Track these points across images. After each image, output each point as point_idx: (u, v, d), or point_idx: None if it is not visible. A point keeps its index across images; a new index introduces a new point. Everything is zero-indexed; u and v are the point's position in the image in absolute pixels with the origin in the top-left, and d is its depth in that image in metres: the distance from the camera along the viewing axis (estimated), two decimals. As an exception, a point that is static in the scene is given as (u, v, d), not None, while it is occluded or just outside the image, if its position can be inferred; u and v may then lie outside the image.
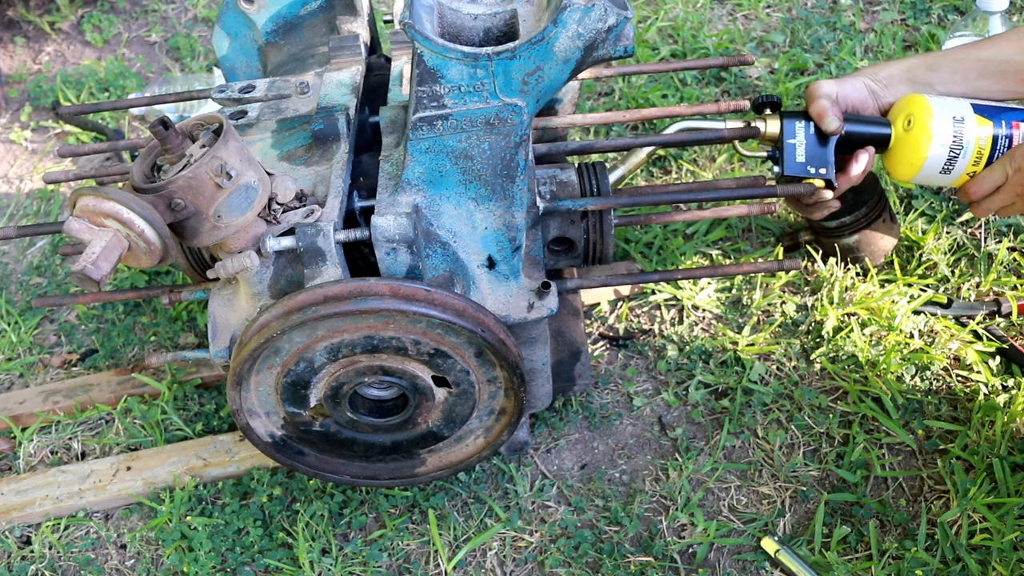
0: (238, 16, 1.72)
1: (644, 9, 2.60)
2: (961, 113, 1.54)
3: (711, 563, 1.55)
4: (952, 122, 1.53)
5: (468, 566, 1.58)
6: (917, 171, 1.58)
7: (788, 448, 1.68)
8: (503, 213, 1.37)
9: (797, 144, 1.56)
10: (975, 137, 1.54)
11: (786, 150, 1.56)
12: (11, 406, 1.86)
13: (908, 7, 2.48)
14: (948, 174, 1.58)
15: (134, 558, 1.65)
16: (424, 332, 1.35)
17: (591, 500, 1.64)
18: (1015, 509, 1.52)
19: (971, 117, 1.54)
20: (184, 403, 1.83)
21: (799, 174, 1.56)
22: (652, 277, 1.75)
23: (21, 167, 2.46)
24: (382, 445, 1.51)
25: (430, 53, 1.22)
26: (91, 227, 1.17)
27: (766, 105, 1.61)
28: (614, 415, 1.75)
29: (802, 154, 1.56)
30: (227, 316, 1.41)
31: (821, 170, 1.55)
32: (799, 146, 1.56)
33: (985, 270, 1.86)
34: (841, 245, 1.86)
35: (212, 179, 1.21)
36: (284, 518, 1.65)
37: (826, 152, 1.56)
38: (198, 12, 2.82)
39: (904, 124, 1.56)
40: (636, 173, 2.15)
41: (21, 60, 2.77)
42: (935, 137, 1.53)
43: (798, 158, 1.56)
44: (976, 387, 1.69)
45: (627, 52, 1.25)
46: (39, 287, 2.14)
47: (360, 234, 1.32)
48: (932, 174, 1.58)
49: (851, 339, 1.76)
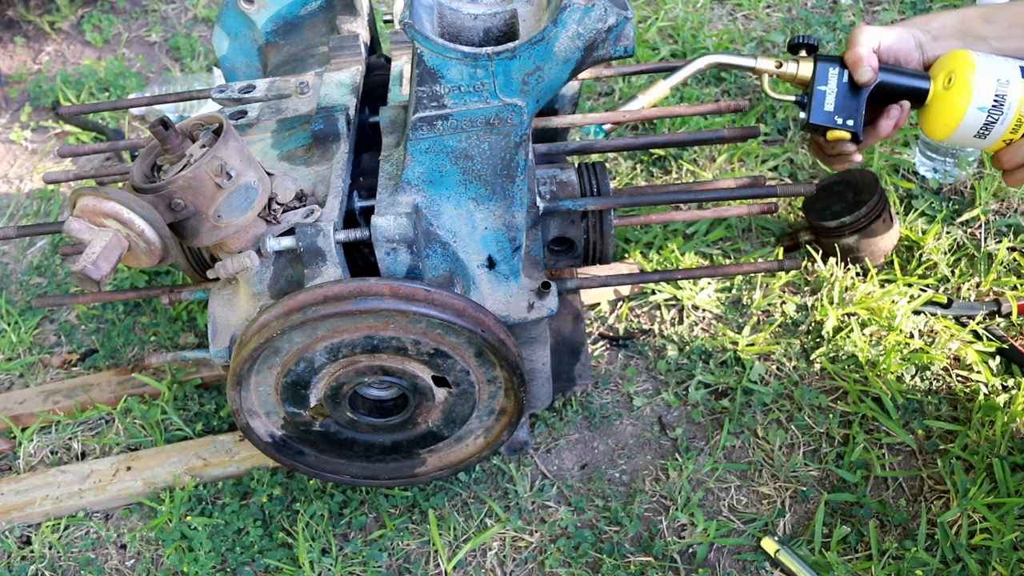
0: (238, 16, 1.72)
1: (644, 9, 2.60)
2: (1007, 75, 1.45)
3: (711, 563, 1.55)
4: (996, 84, 1.44)
5: (468, 566, 1.58)
6: (951, 132, 1.50)
7: (788, 448, 1.68)
8: (503, 213, 1.37)
9: (828, 92, 1.50)
10: (1018, 102, 1.44)
11: (815, 96, 1.50)
12: (11, 406, 1.86)
13: (908, 7, 2.48)
14: (983, 138, 1.49)
15: (134, 558, 1.65)
16: (424, 332, 1.35)
17: (591, 500, 1.64)
18: (1015, 509, 1.52)
19: (1018, 80, 1.45)
20: (184, 403, 1.83)
21: (824, 123, 1.50)
22: (652, 277, 1.75)
23: (21, 167, 2.46)
24: (382, 445, 1.51)
25: (430, 53, 1.22)
26: (91, 227, 1.17)
27: (802, 46, 1.53)
28: (614, 415, 1.75)
29: (831, 103, 1.50)
30: (227, 316, 1.41)
31: (848, 122, 1.49)
32: (829, 94, 1.50)
33: (985, 270, 1.86)
34: (841, 245, 1.86)
35: (212, 179, 1.21)
36: (284, 518, 1.65)
37: (857, 102, 1.49)
38: (198, 12, 2.82)
39: (945, 81, 1.48)
40: (636, 173, 2.15)
41: (21, 60, 2.77)
42: (975, 98, 1.45)
43: (826, 106, 1.50)
44: (976, 387, 1.69)
45: (627, 52, 1.25)
46: (39, 287, 2.14)
47: (360, 234, 1.32)
48: (966, 136, 1.50)
49: (851, 339, 1.76)
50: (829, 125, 1.50)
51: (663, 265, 1.96)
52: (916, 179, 2.03)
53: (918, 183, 2.01)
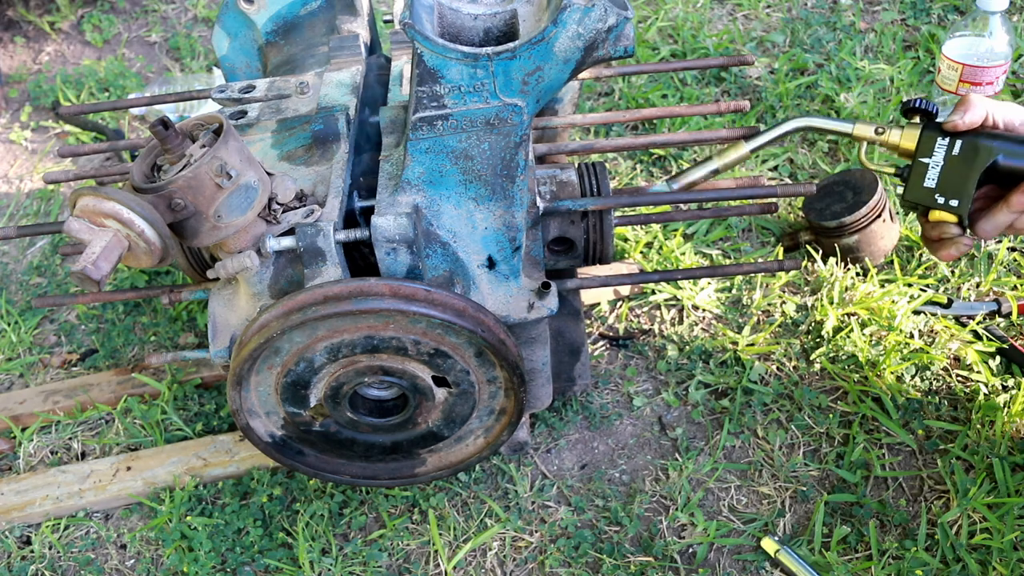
0: (238, 16, 1.72)
1: (644, 9, 2.60)
2: None
3: (711, 563, 1.55)
4: None
5: (468, 566, 1.58)
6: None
7: (788, 448, 1.68)
8: (503, 213, 1.37)
9: (931, 165, 1.30)
10: None
11: (915, 169, 1.31)
12: (11, 406, 1.86)
13: (908, 7, 2.48)
14: None
15: (134, 558, 1.65)
16: (424, 332, 1.35)
17: (591, 500, 1.64)
18: (1015, 509, 1.52)
19: None
20: (184, 403, 1.83)
21: (921, 202, 1.32)
22: (652, 277, 1.75)
23: (21, 167, 2.46)
24: (382, 445, 1.51)
25: (430, 53, 1.22)
26: (91, 227, 1.17)
27: (917, 112, 1.33)
28: (614, 415, 1.75)
29: (933, 178, 1.30)
30: (227, 316, 1.41)
31: (952, 201, 1.29)
32: (933, 167, 1.30)
33: (985, 270, 1.86)
34: (841, 245, 1.86)
35: (212, 179, 1.21)
36: (284, 518, 1.65)
37: (966, 180, 1.28)
38: (198, 12, 2.82)
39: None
40: (636, 173, 2.15)
41: (21, 60, 2.77)
42: None
43: (927, 182, 1.30)
44: (976, 387, 1.69)
45: (627, 52, 1.25)
46: (39, 287, 2.14)
47: (360, 234, 1.32)
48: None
49: (851, 339, 1.76)
50: (928, 204, 1.32)
51: (663, 265, 1.96)
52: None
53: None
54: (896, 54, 2.37)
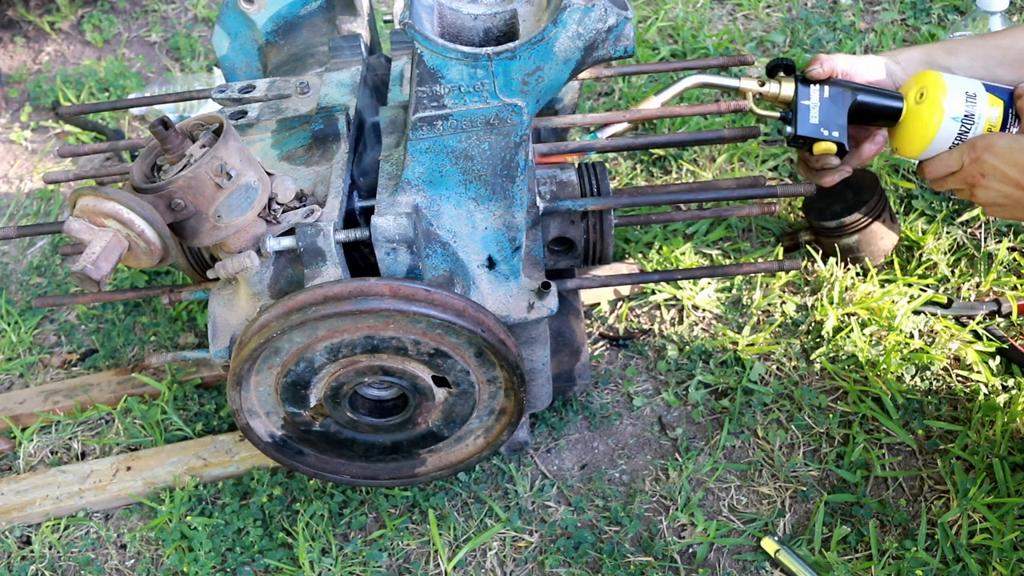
0: (238, 16, 1.72)
1: (644, 9, 2.60)
2: (974, 89, 1.51)
3: (711, 563, 1.55)
4: (965, 96, 1.50)
5: (468, 566, 1.58)
6: (926, 145, 1.53)
7: (788, 448, 1.68)
8: (503, 213, 1.37)
9: (811, 106, 1.55)
10: (986, 115, 1.50)
11: (799, 111, 1.55)
12: (11, 406, 1.86)
13: (908, 7, 2.48)
14: None
15: (134, 558, 1.65)
16: (424, 332, 1.35)
17: (591, 500, 1.64)
18: (1015, 509, 1.52)
19: (983, 95, 1.51)
20: (184, 403, 1.83)
21: (811, 135, 1.54)
22: (652, 277, 1.75)
23: (21, 167, 2.46)
24: (382, 445, 1.51)
25: (430, 53, 1.22)
26: (91, 227, 1.17)
27: (780, 67, 1.60)
28: (614, 415, 1.75)
29: (816, 116, 1.55)
30: (227, 316, 1.41)
31: (834, 133, 1.54)
32: (813, 108, 1.55)
33: (985, 270, 1.86)
34: (841, 245, 1.86)
35: (212, 179, 1.21)
36: (284, 518, 1.65)
37: (839, 116, 1.55)
38: (198, 12, 2.82)
39: (916, 97, 1.53)
40: (636, 173, 2.15)
41: (21, 60, 2.77)
42: (947, 111, 1.49)
43: (811, 119, 1.55)
44: (976, 387, 1.69)
45: (627, 52, 1.25)
46: (39, 287, 2.14)
47: (360, 234, 1.32)
48: (940, 150, 1.53)
49: (851, 339, 1.76)
50: (815, 137, 1.54)
51: (663, 265, 1.96)
52: (916, 179, 2.03)
53: (918, 183, 2.01)
54: (896, 54, 2.37)
